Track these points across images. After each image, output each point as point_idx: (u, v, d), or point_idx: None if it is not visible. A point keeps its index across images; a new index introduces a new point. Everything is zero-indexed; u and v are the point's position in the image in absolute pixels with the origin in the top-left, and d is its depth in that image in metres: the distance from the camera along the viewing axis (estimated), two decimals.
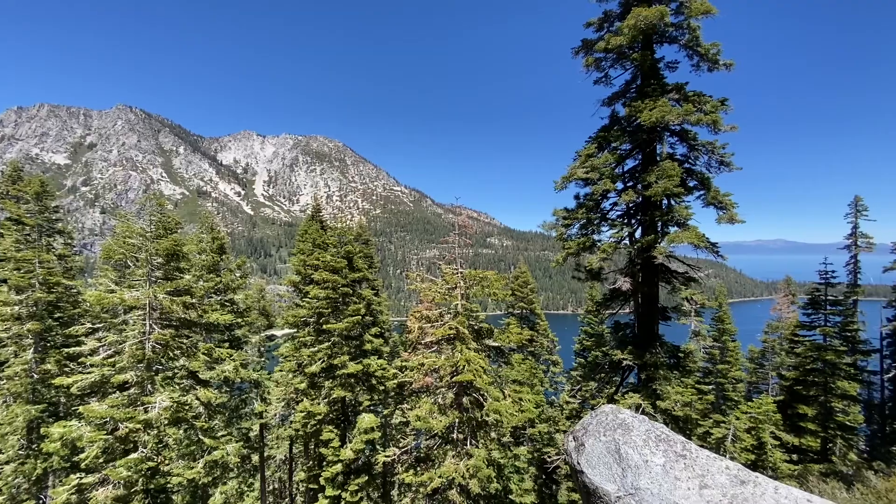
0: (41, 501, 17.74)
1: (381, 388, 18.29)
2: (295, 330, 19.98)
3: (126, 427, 12.18)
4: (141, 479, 12.45)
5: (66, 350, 17.35)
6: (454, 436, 11.11)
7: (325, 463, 17.14)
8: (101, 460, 12.20)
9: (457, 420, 10.98)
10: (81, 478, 12.19)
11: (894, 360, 25.86)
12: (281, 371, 20.97)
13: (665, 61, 14.72)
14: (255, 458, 23.21)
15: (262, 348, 25.05)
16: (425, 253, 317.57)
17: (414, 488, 11.47)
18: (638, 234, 15.17)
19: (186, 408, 14.02)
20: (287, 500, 26.19)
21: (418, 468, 11.29)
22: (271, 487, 28.68)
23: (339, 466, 16.06)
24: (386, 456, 11.87)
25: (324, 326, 16.93)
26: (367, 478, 16.89)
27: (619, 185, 15.12)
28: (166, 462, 13.85)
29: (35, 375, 17.70)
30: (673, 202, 13.90)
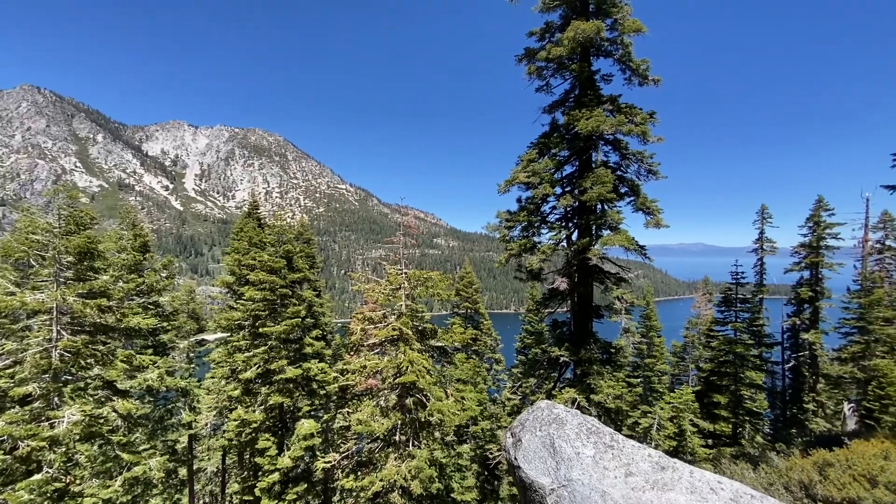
0: None
1: (323, 392, 17.75)
2: (228, 334, 18.86)
3: (28, 445, 10.86)
4: (46, 503, 11.16)
5: None
6: (396, 438, 11.04)
7: (261, 473, 16.33)
8: None
9: (399, 422, 10.91)
10: None
11: (793, 352, 29.11)
12: (212, 378, 19.69)
13: (601, 74, 15.57)
14: (183, 471, 21.60)
15: (192, 354, 23.36)
16: (371, 253, 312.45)
17: (355, 493, 11.24)
18: (575, 236, 15.93)
19: (101, 421, 12.75)
20: None
21: (359, 473, 11.09)
22: (202, 502, 26.85)
23: (276, 475, 15.37)
24: (326, 462, 11.53)
25: (260, 330, 16.13)
26: (306, 485, 16.31)
27: (558, 190, 15.81)
28: (77, 482, 12.51)
29: None
30: (606, 207, 14.76)
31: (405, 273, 12.23)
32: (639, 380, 27.42)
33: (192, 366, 23.02)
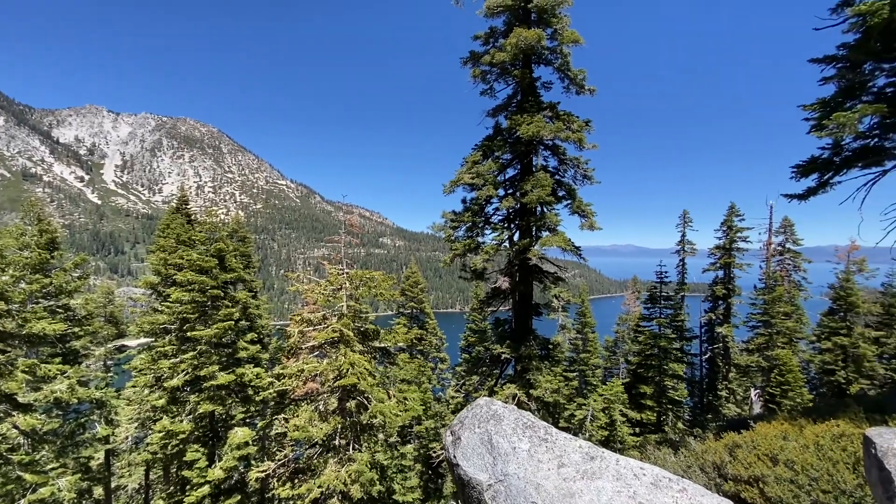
0: None
1: (259, 398, 16.89)
2: (152, 339, 17.42)
3: None
4: None
5: None
6: (336, 442, 10.76)
7: (189, 487, 15.23)
8: None
9: (339, 426, 10.64)
10: None
11: (709, 344, 31.94)
12: (134, 387, 18.09)
13: (542, 81, 16.15)
14: (99, 490, 19.63)
15: (110, 362, 21.31)
16: (313, 252, 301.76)
17: (292, 502, 10.81)
18: (516, 237, 16.42)
19: None
20: None
21: (296, 480, 10.67)
22: None
23: (206, 489, 14.40)
24: (260, 472, 10.98)
25: (189, 334, 15.04)
26: (240, 497, 15.44)
27: (501, 192, 16.22)
28: None
29: None
30: (545, 210, 15.36)
31: (347, 273, 11.95)
32: (574, 374, 28.82)
33: (110, 375, 21.02)
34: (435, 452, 19.21)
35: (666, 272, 28.01)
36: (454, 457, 4.51)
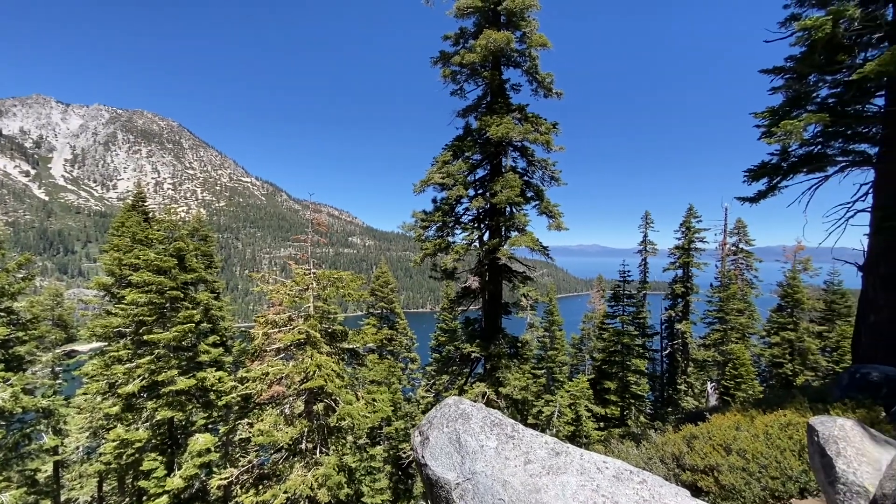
0: None
1: (221, 403, 16.33)
2: (105, 343, 16.52)
3: None
4: None
5: None
6: (303, 446, 10.52)
7: (146, 497, 14.54)
8: None
9: (306, 429, 10.41)
10: None
11: (669, 340, 33.28)
12: (85, 394, 17.10)
13: (511, 83, 16.36)
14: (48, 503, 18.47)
15: (58, 368, 20.06)
16: (280, 252, 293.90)
17: None
18: (486, 237, 16.57)
19: None
20: None
21: (261, 486, 10.37)
22: None
23: (164, 499, 13.79)
24: (222, 479, 10.60)
25: (146, 337, 14.35)
26: None
27: (471, 192, 16.31)
28: None
29: None
30: (514, 210, 15.58)
31: (314, 273, 11.70)
32: (542, 371, 29.37)
33: (59, 382, 19.81)
34: (405, 453, 19.13)
35: (629, 271, 28.99)
36: (422, 457, 4.50)
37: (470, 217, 16.73)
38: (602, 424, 25.06)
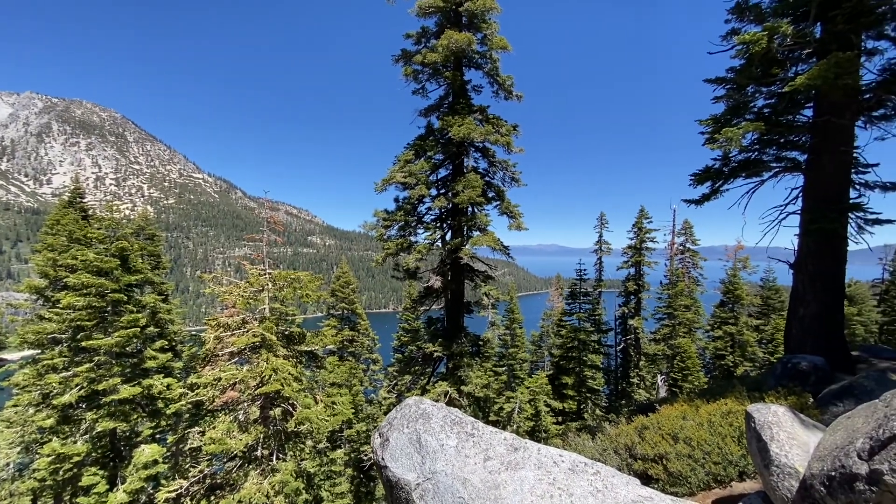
0: None
1: (170, 411, 15.46)
2: (39, 351, 15.22)
3: None
4: None
5: None
6: (258, 453, 10.14)
7: None
8: None
9: (262, 435, 10.04)
10: None
11: (623, 336, 34.75)
12: (15, 407, 15.70)
13: (472, 84, 16.51)
14: None
15: None
16: (234, 251, 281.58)
17: None
18: (448, 236, 16.64)
19: None
20: None
21: (213, 497, 9.90)
22: None
23: None
24: (170, 491, 10.04)
25: (84, 344, 13.35)
26: None
27: (434, 192, 16.33)
28: None
29: None
30: (476, 210, 15.74)
31: (269, 273, 11.30)
32: (503, 368, 29.84)
33: None
34: (366, 456, 18.87)
35: (585, 270, 30.00)
36: (382, 459, 4.45)
37: (432, 217, 16.74)
38: (560, 419, 25.78)
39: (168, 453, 17.06)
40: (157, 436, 16.72)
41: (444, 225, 16.69)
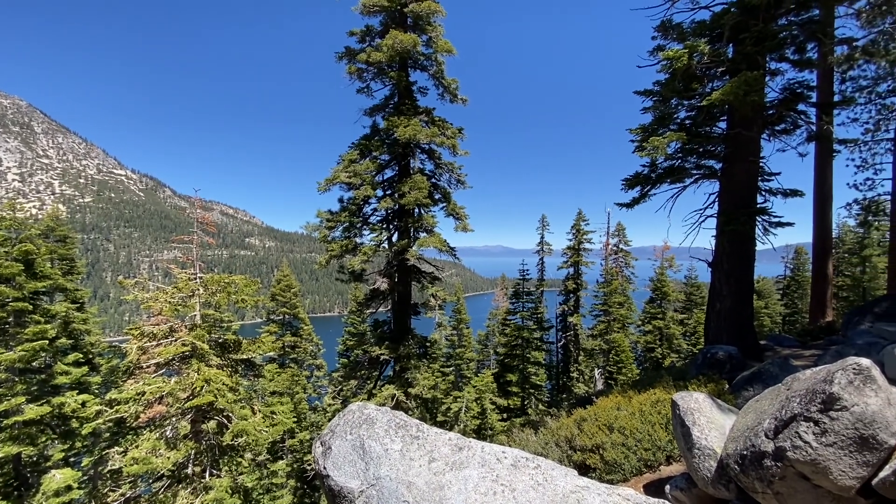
0: None
1: (86, 431, 13.99)
2: None
3: None
4: None
5: None
6: (189, 470, 9.44)
7: None
8: None
9: (193, 451, 9.36)
10: None
11: (563, 333, 36.28)
12: None
13: (418, 86, 16.50)
14: None
15: None
16: (163, 254, 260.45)
17: None
18: (395, 238, 16.51)
19: None
20: None
21: None
22: None
23: None
24: None
25: None
26: None
27: (380, 193, 16.13)
28: None
29: None
30: (422, 211, 15.76)
31: (201, 277, 10.57)
32: (451, 369, 30.08)
33: None
34: (309, 466, 18.24)
35: (528, 270, 31.03)
36: (324, 468, 4.31)
37: (378, 218, 16.53)
38: (506, 415, 26.41)
39: (84, 477, 15.45)
40: (71, 459, 15.10)
41: (391, 226, 16.53)
